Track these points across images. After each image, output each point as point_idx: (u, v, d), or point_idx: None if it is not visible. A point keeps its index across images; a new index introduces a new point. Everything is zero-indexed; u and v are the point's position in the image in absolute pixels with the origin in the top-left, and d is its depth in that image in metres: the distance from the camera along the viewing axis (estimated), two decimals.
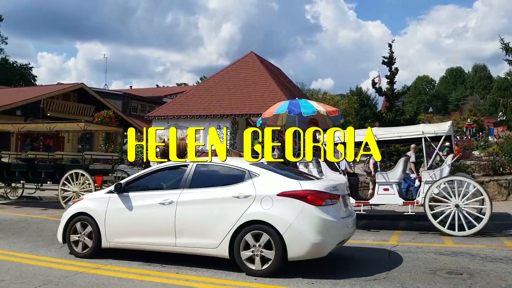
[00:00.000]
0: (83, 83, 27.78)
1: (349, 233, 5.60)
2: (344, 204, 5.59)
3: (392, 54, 16.27)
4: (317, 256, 5.12)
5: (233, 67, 20.49)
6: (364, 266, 5.61)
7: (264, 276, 4.98)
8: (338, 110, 9.81)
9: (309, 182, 5.33)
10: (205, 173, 5.75)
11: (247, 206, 5.09)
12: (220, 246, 5.17)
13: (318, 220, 4.93)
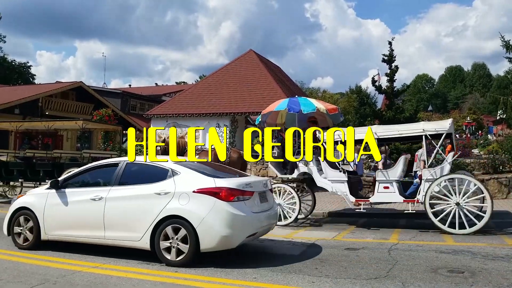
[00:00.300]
0: (81, 82, 27.69)
1: (262, 226, 5.93)
2: (261, 200, 5.99)
3: (392, 52, 16.22)
4: (227, 248, 5.51)
5: (233, 65, 20.40)
6: (364, 265, 5.56)
7: (179, 266, 5.35)
8: (338, 108, 9.75)
9: (224, 180, 5.69)
10: (133, 172, 6.18)
11: (167, 202, 5.49)
12: (143, 239, 5.57)
13: (228, 215, 5.35)
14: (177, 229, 5.41)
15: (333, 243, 7.19)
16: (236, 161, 10.61)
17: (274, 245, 7.04)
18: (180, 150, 11.14)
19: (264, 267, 5.43)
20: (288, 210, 9.26)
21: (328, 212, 11.04)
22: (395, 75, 16.28)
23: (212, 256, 5.82)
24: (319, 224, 9.55)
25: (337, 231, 8.40)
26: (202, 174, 5.75)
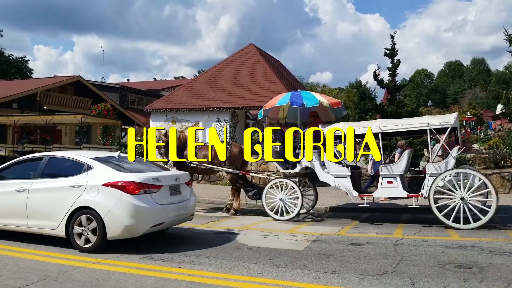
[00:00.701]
0: (80, 76, 27.44)
1: (170, 217, 6.36)
2: (172, 193, 6.46)
3: (394, 46, 16.03)
4: (131, 236, 6.01)
5: (232, 59, 20.21)
6: (370, 260, 5.47)
7: (89, 252, 5.84)
8: (340, 102, 9.61)
9: (132, 174, 6.12)
10: (54, 166, 6.68)
11: (80, 194, 6.02)
12: (59, 228, 6.09)
13: (132, 207, 5.82)
14: (88, 219, 5.95)
15: (337, 238, 7.10)
16: (238, 155, 10.49)
17: (277, 240, 6.95)
18: (181, 144, 11.04)
19: (269, 263, 5.34)
20: (290, 205, 9.17)
21: (330, 207, 10.96)
22: (397, 69, 16.16)
23: (220, 251, 5.74)
24: (321, 219, 9.46)
25: (340, 226, 8.31)
26: (114, 169, 6.24)
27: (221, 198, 12.66)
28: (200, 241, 6.77)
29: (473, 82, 73.89)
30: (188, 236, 7.27)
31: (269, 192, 9.39)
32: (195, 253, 5.93)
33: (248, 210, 10.76)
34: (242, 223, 8.77)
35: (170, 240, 6.89)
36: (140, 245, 6.43)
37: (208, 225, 8.44)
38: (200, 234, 7.45)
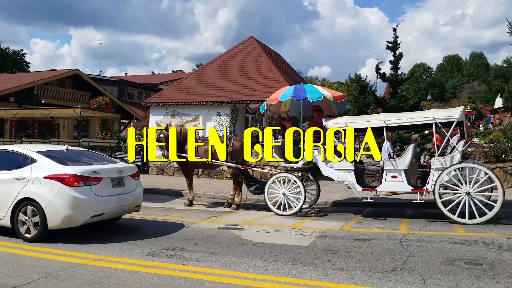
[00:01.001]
0: (77, 69, 27.10)
1: (110, 208, 6.63)
2: (114, 185, 6.75)
3: (397, 39, 15.86)
4: (71, 226, 6.32)
5: (233, 52, 19.97)
6: (378, 256, 5.37)
7: (32, 241, 6.14)
8: (344, 96, 9.46)
9: (72, 167, 6.39)
10: (2, 159, 6.95)
11: (23, 186, 6.33)
12: (5, 218, 6.41)
13: (70, 198, 6.12)
14: (31, 210, 6.25)
15: (342, 233, 7.00)
16: (239, 150, 10.35)
17: (281, 235, 6.84)
18: (182, 138, 10.90)
19: (275, 259, 5.24)
20: (292, 200, 9.06)
21: (332, 201, 10.86)
22: (399, 62, 16.00)
23: (224, 247, 5.62)
24: (324, 214, 9.36)
25: (344, 221, 8.21)
26: (56, 162, 6.50)
27: (222, 192, 12.54)
28: (203, 237, 6.65)
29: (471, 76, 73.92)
30: (190, 231, 7.15)
31: (272, 187, 9.28)
32: (199, 249, 5.81)
33: (249, 205, 10.65)
34: (245, 218, 8.66)
35: (172, 235, 6.77)
36: (142, 241, 6.31)
37: (210, 220, 8.33)
38: (202, 229, 7.33)
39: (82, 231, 7.01)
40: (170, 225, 7.70)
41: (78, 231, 6.95)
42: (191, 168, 11.12)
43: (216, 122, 17.24)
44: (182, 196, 12.55)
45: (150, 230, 7.18)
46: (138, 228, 7.36)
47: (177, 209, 9.99)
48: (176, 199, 12.07)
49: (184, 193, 12.74)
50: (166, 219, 8.51)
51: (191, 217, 8.78)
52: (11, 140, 12.58)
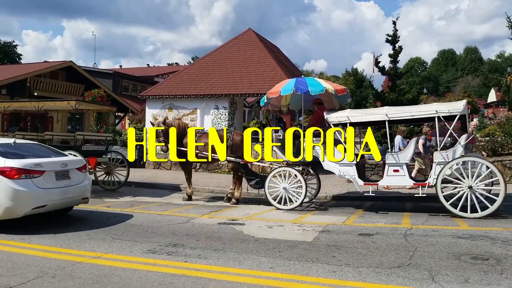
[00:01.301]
0: (71, 61, 26.68)
1: (53, 200, 6.76)
2: (59, 178, 6.92)
3: (396, 32, 15.76)
4: (12, 217, 6.44)
5: (231, 45, 19.71)
6: (383, 252, 5.27)
7: None
8: (346, 89, 9.32)
9: (14, 160, 6.53)
10: None
11: None
12: None
13: (11, 190, 6.27)
14: None
15: (344, 228, 6.90)
16: (239, 144, 10.20)
17: (284, 230, 6.73)
18: (180, 132, 10.73)
19: (279, 256, 5.12)
20: (293, 194, 8.95)
21: (333, 195, 10.77)
22: (399, 56, 15.90)
23: (227, 243, 5.50)
24: (325, 208, 9.27)
25: (346, 215, 8.12)
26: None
27: (221, 187, 12.42)
28: (204, 233, 6.52)
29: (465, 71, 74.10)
30: (190, 227, 7.02)
31: (272, 181, 9.16)
32: (201, 245, 5.68)
33: (249, 199, 10.54)
34: (245, 213, 8.54)
35: (172, 231, 6.63)
36: (141, 237, 6.17)
37: (211, 215, 8.20)
38: (203, 225, 7.20)
39: (79, 226, 6.87)
40: (169, 221, 7.57)
41: (74, 226, 6.81)
42: (189, 163, 10.96)
43: (214, 116, 17.07)
44: (181, 190, 12.42)
45: (149, 226, 7.04)
46: (137, 224, 7.21)
47: (175, 204, 9.85)
48: (174, 193, 11.93)
49: (182, 188, 12.61)
50: (165, 214, 8.37)
51: (190, 212, 8.65)
52: (3, 133, 12.32)
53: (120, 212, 8.47)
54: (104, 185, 12.12)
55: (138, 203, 9.78)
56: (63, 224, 7.16)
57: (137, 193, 11.50)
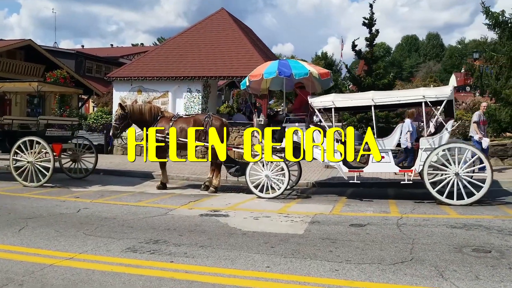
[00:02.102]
0: (30, 39, 24.82)
1: None
2: None
3: (373, 15, 15.51)
4: None
5: (203, 25, 18.85)
6: (381, 245, 5.00)
7: None
8: (330, 73, 8.95)
9: None
10: None
11: None
12: None
13: None
14: None
15: (334, 218, 6.61)
16: (219, 129, 9.69)
17: (271, 222, 6.35)
18: (152, 117, 10.07)
19: (273, 252, 4.74)
20: (276, 182, 8.60)
21: (313, 182, 10.51)
22: (375, 39, 15.71)
23: (213, 238, 5.05)
24: (307, 196, 8.99)
25: (331, 204, 7.86)
26: None
27: (196, 174, 11.91)
28: (186, 227, 6.04)
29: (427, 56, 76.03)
30: (170, 220, 6.51)
31: (253, 169, 8.75)
32: (185, 241, 5.21)
33: (227, 187, 10.11)
34: (227, 202, 8.10)
35: (151, 225, 6.11)
36: (117, 233, 5.61)
37: (190, 206, 7.71)
38: (183, 217, 6.71)
39: (45, 220, 6.20)
40: (146, 213, 7.02)
41: (39, 221, 6.14)
42: (164, 149, 10.34)
43: (187, 99, 16.36)
44: (153, 178, 11.80)
45: (125, 219, 6.48)
46: (110, 217, 6.63)
47: (150, 193, 9.26)
48: (147, 181, 11.31)
49: (155, 175, 11.99)
50: (140, 205, 7.80)
51: (167, 202, 8.12)
52: None
53: (91, 204, 7.82)
54: (70, 173, 11.30)
55: (109, 193, 9.12)
56: (26, 217, 6.46)
57: (107, 182, 10.79)
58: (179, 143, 9.84)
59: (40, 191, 9.13)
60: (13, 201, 7.92)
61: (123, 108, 10.03)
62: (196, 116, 10.07)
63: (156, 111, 10.29)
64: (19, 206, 7.45)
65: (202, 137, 9.61)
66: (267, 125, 9.36)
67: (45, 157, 9.51)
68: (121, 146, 16.91)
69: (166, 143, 9.85)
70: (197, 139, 9.66)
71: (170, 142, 9.31)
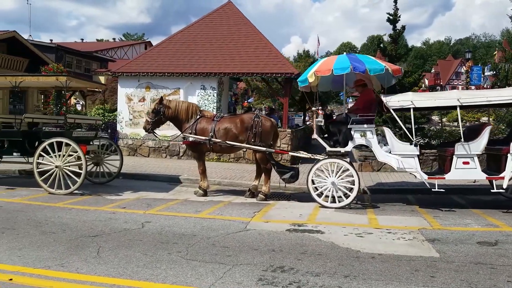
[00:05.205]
0: (15, 31, 22.78)
1: None
2: None
3: (397, 11, 14.97)
4: None
5: (211, 18, 17.73)
6: None
7: None
8: (401, 69, 8.21)
9: None
10: None
11: None
12: None
13: None
14: None
15: (445, 234, 5.83)
16: (269, 130, 8.82)
17: (383, 241, 5.51)
18: (189, 116, 9.12)
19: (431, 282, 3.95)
20: (343, 190, 7.82)
21: (364, 188, 9.80)
22: (400, 37, 15.20)
23: (338, 262, 4.21)
24: (373, 205, 8.24)
25: (416, 215, 7.15)
26: None
27: (227, 178, 10.96)
28: (291, 247, 5.13)
29: None
30: (259, 237, 5.58)
31: (316, 175, 7.93)
32: (315, 269, 4.30)
33: None
34: (296, 213, 7.22)
35: (246, 244, 5.17)
36: (221, 257, 4.65)
37: (259, 218, 6.77)
38: (271, 234, 5.78)
39: (117, 240, 5.12)
40: (222, 227, 6.05)
41: (111, 240, 5.06)
42: (203, 152, 9.36)
43: (201, 97, 15.26)
44: (180, 182, 10.80)
45: (208, 237, 5.50)
46: (189, 234, 5.65)
47: (198, 202, 8.24)
48: (176, 186, 10.28)
49: (182, 179, 10.99)
50: (204, 217, 6.79)
51: (229, 213, 7.15)
52: None
53: (146, 216, 6.76)
54: (91, 177, 10.04)
55: (151, 201, 8.05)
56: (87, 235, 5.35)
57: (134, 187, 9.66)
58: (221, 146, 8.93)
59: (72, 199, 7.92)
60: (55, 213, 6.73)
61: (161, 101, 9.05)
62: (243, 116, 9.14)
63: (194, 110, 9.31)
64: (66, 219, 6.29)
65: (251, 139, 8.70)
66: (326, 127, 8.59)
67: (74, 161, 8.29)
68: (126, 146, 15.61)
69: (210, 145, 8.92)
70: (245, 142, 8.76)
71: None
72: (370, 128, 7.95)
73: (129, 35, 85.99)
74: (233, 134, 8.79)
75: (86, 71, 36.99)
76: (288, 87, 14.86)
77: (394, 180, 10.70)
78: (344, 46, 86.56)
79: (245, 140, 8.73)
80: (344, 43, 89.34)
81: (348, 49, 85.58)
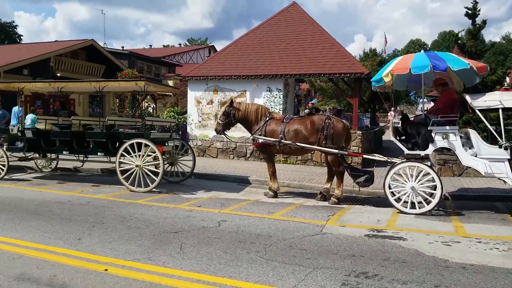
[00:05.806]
0: (93, 40, 24.74)
1: None
2: None
3: (476, 4, 13.96)
4: None
5: (275, 20, 17.80)
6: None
7: None
8: (486, 66, 7.62)
9: None
10: None
11: None
12: None
13: None
14: None
15: None
16: (342, 132, 8.62)
17: (471, 250, 5.13)
18: (258, 118, 9.21)
19: None
20: (424, 195, 7.39)
21: (446, 194, 9.20)
22: (480, 32, 14.16)
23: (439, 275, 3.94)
24: (456, 211, 7.69)
25: (506, 224, 6.57)
26: None
27: (296, 180, 10.86)
28: (372, 253, 4.94)
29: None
30: (336, 241, 5.45)
31: (394, 179, 7.58)
32: (400, 276, 4.11)
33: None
34: (373, 218, 6.95)
35: (324, 248, 5.07)
36: (299, 259, 4.58)
37: (335, 222, 6.62)
38: (349, 238, 5.62)
39: (197, 237, 5.26)
40: (297, 230, 6.00)
41: (192, 237, 5.21)
42: (273, 154, 9.37)
43: (267, 98, 15.35)
44: (250, 183, 10.90)
45: (284, 239, 5.47)
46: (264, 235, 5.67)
47: (269, 203, 8.26)
48: (246, 187, 10.39)
49: (251, 180, 11.09)
50: (278, 218, 6.78)
51: (302, 215, 7.07)
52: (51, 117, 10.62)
53: (221, 215, 6.90)
54: (166, 176, 10.51)
55: (224, 201, 8.21)
56: (169, 231, 5.56)
57: (206, 187, 9.94)
58: (291, 148, 8.88)
59: (152, 197, 8.33)
60: (137, 209, 7.12)
61: (231, 103, 9.24)
62: (314, 118, 9.01)
63: (263, 112, 9.37)
64: (149, 216, 6.63)
65: (322, 141, 8.55)
66: (403, 128, 8.20)
67: (152, 161, 8.72)
68: (196, 147, 16.14)
69: (280, 147, 8.91)
70: (316, 144, 8.62)
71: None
72: (453, 130, 7.46)
73: (193, 40, 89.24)
74: (303, 135, 8.71)
75: (156, 76, 38.98)
76: (357, 87, 14.47)
77: (478, 186, 9.96)
78: (413, 43, 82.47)
79: (315, 142, 8.61)
80: (412, 40, 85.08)
81: (417, 47, 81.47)
